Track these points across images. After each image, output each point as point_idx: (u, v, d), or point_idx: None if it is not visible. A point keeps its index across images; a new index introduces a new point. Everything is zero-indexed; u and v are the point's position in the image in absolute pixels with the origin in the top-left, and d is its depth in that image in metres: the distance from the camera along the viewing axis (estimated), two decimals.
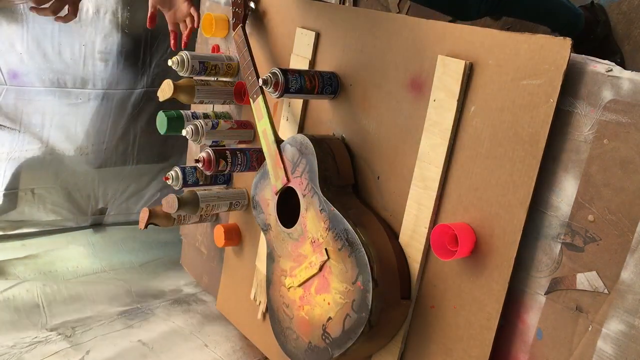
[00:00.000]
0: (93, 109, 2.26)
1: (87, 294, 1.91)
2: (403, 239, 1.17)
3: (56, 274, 2.13)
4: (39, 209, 2.32)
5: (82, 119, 2.26)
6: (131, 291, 1.94)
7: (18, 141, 2.15)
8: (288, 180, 1.29)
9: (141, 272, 2.19)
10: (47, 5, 1.21)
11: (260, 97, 1.33)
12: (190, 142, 1.84)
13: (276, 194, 1.33)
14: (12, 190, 2.23)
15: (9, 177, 2.20)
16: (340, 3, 2.28)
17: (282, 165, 1.29)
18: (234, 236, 1.71)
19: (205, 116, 1.68)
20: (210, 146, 1.53)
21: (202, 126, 1.53)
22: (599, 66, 0.91)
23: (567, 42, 0.90)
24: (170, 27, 1.61)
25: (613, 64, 0.90)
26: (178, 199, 1.53)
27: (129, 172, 2.48)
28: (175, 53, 1.58)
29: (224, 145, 1.62)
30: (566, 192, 0.94)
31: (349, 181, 1.28)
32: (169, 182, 1.60)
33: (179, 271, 2.16)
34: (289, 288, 1.30)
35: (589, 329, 0.92)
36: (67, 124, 2.23)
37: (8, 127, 2.10)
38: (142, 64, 2.27)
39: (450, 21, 1.71)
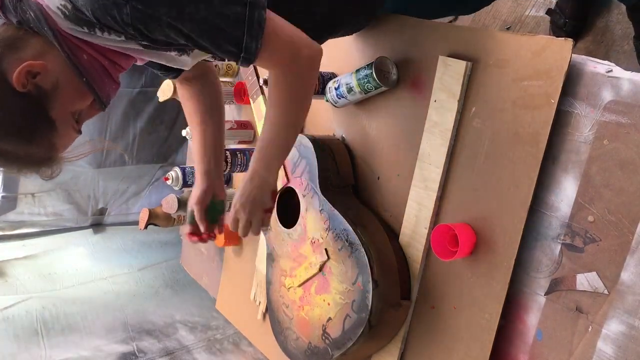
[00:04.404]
0: None
1: (85, 323, 1.91)
2: (403, 239, 1.17)
3: (55, 277, 2.12)
4: (39, 209, 2.31)
5: None
6: (127, 323, 1.94)
7: None
8: (288, 180, 1.29)
9: (138, 284, 2.19)
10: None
11: (261, 97, 1.33)
12: (190, 142, 1.84)
13: (276, 194, 1.32)
14: (12, 190, 2.23)
15: (8, 177, 2.19)
16: None
17: (282, 166, 1.29)
18: (234, 236, 1.71)
19: None
20: None
21: None
22: (599, 67, 0.91)
23: (568, 42, 0.90)
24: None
25: (613, 64, 0.90)
26: (178, 199, 1.53)
27: (128, 172, 2.48)
28: None
29: None
30: (566, 193, 0.94)
31: (349, 181, 1.28)
32: (169, 182, 1.60)
33: (172, 297, 2.16)
34: (289, 288, 1.30)
35: (589, 329, 0.92)
36: None
37: None
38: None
39: (450, 21, 1.71)
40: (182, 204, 1.54)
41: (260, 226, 1.08)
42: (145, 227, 1.66)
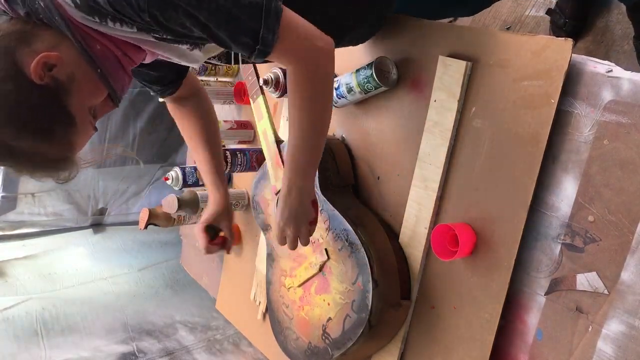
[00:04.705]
0: None
1: (85, 324, 1.91)
2: (403, 239, 1.17)
3: (55, 277, 2.12)
4: (39, 209, 2.31)
5: None
6: (127, 324, 1.94)
7: None
8: None
9: (138, 285, 2.19)
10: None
11: (261, 97, 1.33)
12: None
13: (276, 194, 1.32)
14: (12, 190, 2.23)
15: (8, 177, 2.19)
16: None
17: (282, 165, 1.29)
18: (234, 236, 1.70)
19: None
20: None
21: None
22: (599, 67, 0.91)
23: (568, 42, 0.90)
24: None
25: (613, 64, 0.90)
26: (178, 199, 1.53)
27: (128, 172, 2.48)
28: None
29: (224, 146, 1.62)
30: (566, 193, 0.94)
31: (349, 181, 1.28)
32: (169, 182, 1.60)
33: (172, 297, 2.16)
34: (289, 288, 1.30)
35: (589, 329, 0.92)
36: None
37: None
38: None
39: (450, 21, 1.71)
40: (182, 204, 1.54)
41: (308, 238, 1.07)
42: (145, 227, 1.66)
